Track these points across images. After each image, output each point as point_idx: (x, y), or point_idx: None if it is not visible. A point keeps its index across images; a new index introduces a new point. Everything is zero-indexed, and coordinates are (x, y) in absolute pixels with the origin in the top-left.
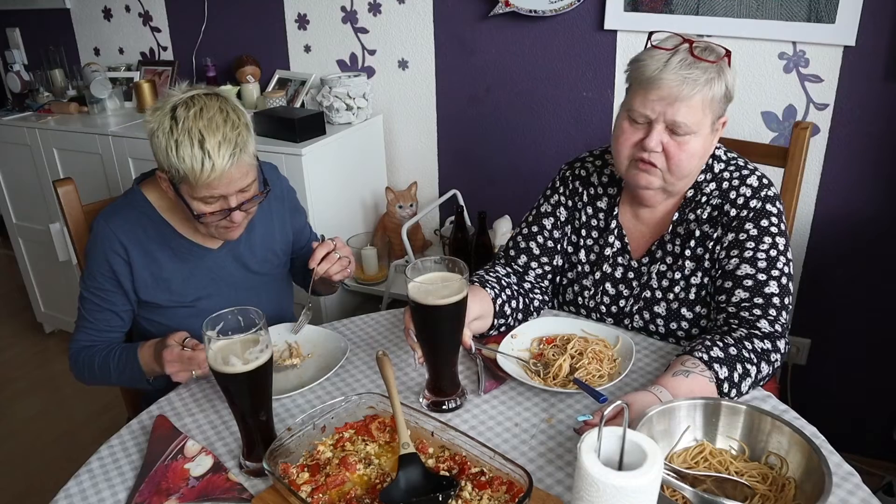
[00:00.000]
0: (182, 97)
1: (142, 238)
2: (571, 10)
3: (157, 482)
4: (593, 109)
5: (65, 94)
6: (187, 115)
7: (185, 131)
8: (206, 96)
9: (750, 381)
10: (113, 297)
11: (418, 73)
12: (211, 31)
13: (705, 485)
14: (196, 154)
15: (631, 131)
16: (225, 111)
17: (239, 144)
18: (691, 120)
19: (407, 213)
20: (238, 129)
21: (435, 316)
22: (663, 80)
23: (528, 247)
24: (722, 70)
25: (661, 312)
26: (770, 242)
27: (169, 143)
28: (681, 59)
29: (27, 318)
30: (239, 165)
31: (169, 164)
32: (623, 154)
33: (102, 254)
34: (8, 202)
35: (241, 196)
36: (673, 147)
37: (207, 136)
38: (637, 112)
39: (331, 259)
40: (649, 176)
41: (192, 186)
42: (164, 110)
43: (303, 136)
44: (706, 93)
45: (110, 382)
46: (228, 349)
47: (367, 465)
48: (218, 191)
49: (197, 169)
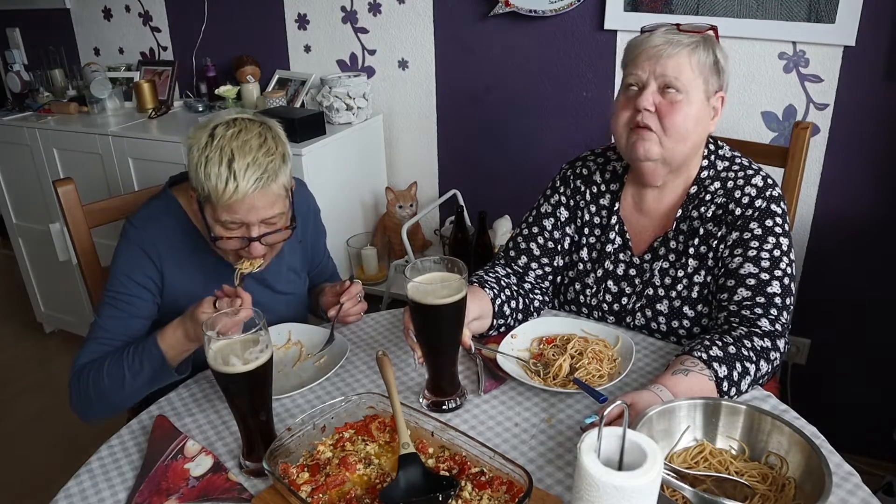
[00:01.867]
0: (226, 118)
1: (177, 246)
2: (571, 10)
3: (157, 482)
4: (593, 109)
5: (65, 94)
6: (224, 134)
7: (218, 149)
8: (250, 120)
9: (749, 380)
10: (140, 303)
11: (418, 73)
12: (211, 31)
13: (705, 485)
14: (222, 172)
15: (626, 102)
16: (264, 136)
17: (269, 171)
18: (682, 76)
19: (407, 213)
20: (272, 156)
21: (434, 316)
22: (649, 42)
23: (529, 247)
24: (707, 40)
25: (663, 310)
26: (774, 242)
27: (200, 158)
28: (666, 30)
29: (27, 318)
30: (265, 193)
31: (196, 181)
32: (620, 124)
33: (137, 259)
34: (8, 202)
35: (264, 227)
36: (665, 106)
37: (237, 157)
38: (630, 79)
39: (354, 300)
40: (647, 143)
41: (213, 207)
42: (206, 128)
43: (303, 136)
44: (692, 54)
45: (122, 393)
46: (228, 349)
47: (367, 465)
48: (238, 215)
49: (220, 188)
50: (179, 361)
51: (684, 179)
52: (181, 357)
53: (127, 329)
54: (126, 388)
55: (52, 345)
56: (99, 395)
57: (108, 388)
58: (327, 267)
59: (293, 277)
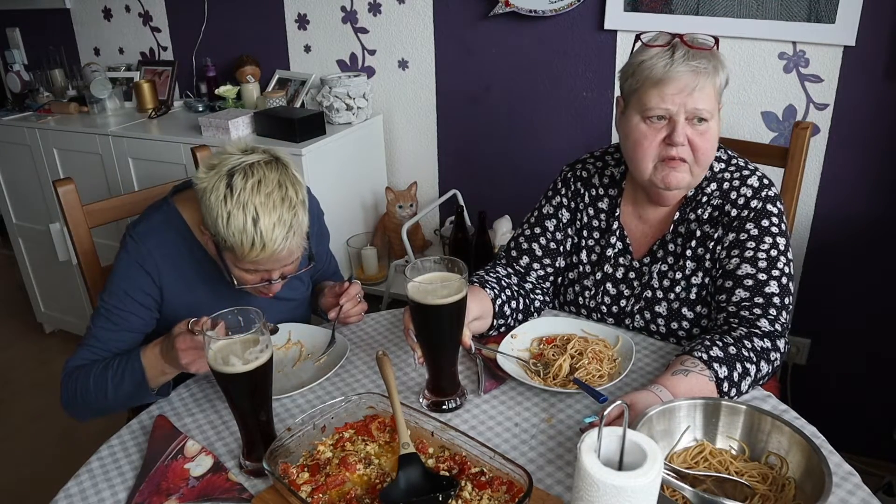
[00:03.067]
0: (240, 162)
1: (177, 261)
2: (571, 10)
3: (157, 482)
4: (593, 109)
5: (65, 94)
6: (244, 187)
7: (241, 205)
8: (266, 165)
9: (749, 381)
10: (133, 319)
11: (418, 73)
12: (211, 31)
13: (705, 485)
14: (248, 231)
15: (652, 133)
16: (284, 186)
17: (294, 227)
18: (709, 105)
19: (407, 213)
20: (294, 209)
21: (434, 315)
22: (678, 73)
23: (531, 248)
24: (717, 57)
25: (661, 312)
26: (771, 242)
27: (221, 212)
28: (683, 53)
29: (27, 318)
30: (289, 247)
31: (216, 231)
32: (648, 157)
33: (136, 274)
34: (8, 202)
35: (284, 269)
36: (697, 138)
37: (262, 215)
38: (656, 110)
39: (354, 301)
40: (679, 174)
41: (236, 258)
42: (221, 173)
43: (303, 136)
44: (716, 79)
45: (105, 402)
46: (228, 349)
47: (367, 465)
48: (263, 266)
49: (247, 246)
50: (159, 383)
51: None
52: (159, 379)
53: (119, 341)
54: (108, 398)
55: (52, 345)
56: (84, 401)
57: (94, 396)
58: (329, 267)
59: (297, 284)
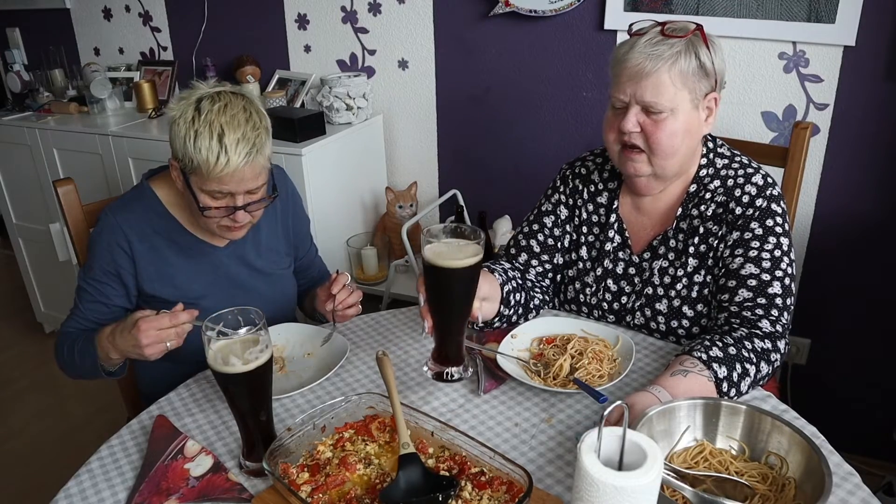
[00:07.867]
0: (208, 91)
1: (148, 232)
2: (571, 9)
3: (157, 482)
4: (593, 109)
5: (65, 94)
6: (211, 109)
7: (207, 123)
8: (233, 94)
9: (749, 381)
10: (108, 290)
11: (418, 73)
12: (211, 31)
13: (705, 485)
14: (213, 146)
15: (613, 119)
16: (249, 111)
17: (257, 145)
18: (662, 98)
19: (407, 213)
20: (258, 130)
21: (448, 278)
22: (629, 60)
23: (529, 244)
24: (692, 44)
25: (662, 310)
26: (775, 242)
27: (189, 132)
28: (648, 39)
29: (27, 318)
30: (252, 166)
31: (184, 153)
32: (610, 141)
33: (106, 246)
34: (8, 202)
35: (248, 196)
36: (650, 126)
37: (227, 132)
38: (614, 98)
39: (347, 290)
40: (636, 163)
41: (202, 178)
42: (190, 101)
43: (303, 136)
44: (673, 67)
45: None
46: (228, 349)
47: (367, 465)
48: (227, 187)
49: (212, 161)
50: (113, 364)
51: (683, 179)
52: (111, 360)
53: (96, 313)
54: (78, 370)
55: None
56: (69, 366)
57: (70, 365)
58: (314, 260)
59: (273, 257)
